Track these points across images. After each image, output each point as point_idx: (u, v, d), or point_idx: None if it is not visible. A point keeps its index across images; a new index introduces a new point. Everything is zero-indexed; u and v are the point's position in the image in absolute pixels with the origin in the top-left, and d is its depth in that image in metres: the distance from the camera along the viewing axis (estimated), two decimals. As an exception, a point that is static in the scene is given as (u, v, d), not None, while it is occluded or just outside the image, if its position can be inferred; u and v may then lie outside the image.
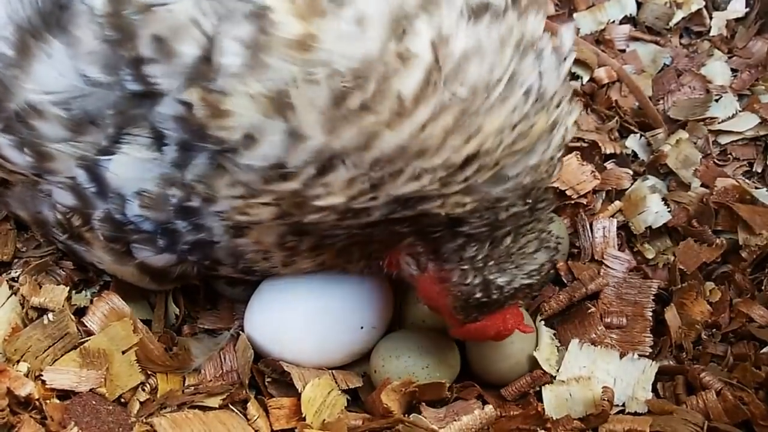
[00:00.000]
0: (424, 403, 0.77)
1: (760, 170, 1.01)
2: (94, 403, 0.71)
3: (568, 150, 0.93)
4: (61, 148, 0.64)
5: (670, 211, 0.95)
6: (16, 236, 0.85)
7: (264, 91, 0.56)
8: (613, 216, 0.96)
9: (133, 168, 0.63)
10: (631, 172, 1.01)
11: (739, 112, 1.06)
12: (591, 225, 0.94)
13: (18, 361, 0.73)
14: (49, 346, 0.74)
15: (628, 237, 0.95)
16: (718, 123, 1.05)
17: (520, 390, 0.81)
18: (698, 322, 0.85)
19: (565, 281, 0.90)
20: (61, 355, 0.74)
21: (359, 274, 0.78)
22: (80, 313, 0.79)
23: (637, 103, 1.11)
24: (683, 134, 1.04)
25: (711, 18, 1.20)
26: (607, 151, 1.02)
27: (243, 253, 0.72)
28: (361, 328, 0.80)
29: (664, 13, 1.20)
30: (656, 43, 1.19)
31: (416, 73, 0.56)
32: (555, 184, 0.92)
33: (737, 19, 1.20)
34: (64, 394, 0.71)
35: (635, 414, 0.78)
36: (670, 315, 0.85)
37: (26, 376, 0.70)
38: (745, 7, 1.20)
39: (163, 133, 0.61)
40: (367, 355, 0.82)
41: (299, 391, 0.75)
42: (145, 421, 0.71)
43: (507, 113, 0.61)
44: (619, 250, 0.93)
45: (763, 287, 0.88)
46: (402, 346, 0.80)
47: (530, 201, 0.67)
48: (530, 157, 0.65)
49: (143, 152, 0.63)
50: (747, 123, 1.04)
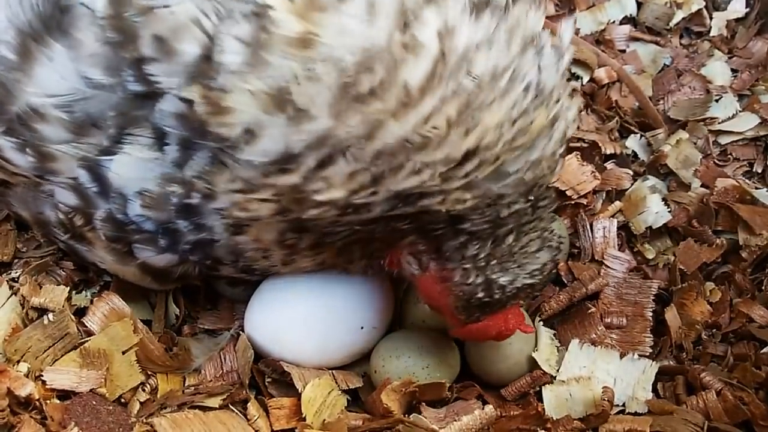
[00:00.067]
0: (424, 403, 0.77)
1: (760, 170, 1.01)
2: (95, 403, 0.71)
3: (569, 150, 0.93)
4: (62, 150, 0.64)
5: (670, 212, 0.95)
6: (17, 236, 0.85)
7: (265, 88, 0.56)
8: (613, 216, 0.96)
9: (134, 168, 0.64)
10: (631, 173, 1.01)
11: (739, 112, 1.06)
12: (591, 225, 0.94)
13: (18, 362, 0.73)
14: (50, 347, 0.74)
15: (628, 237, 0.96)
16: (719, 123, 1.05)
17: (520, 390, 0.80)
18: (698, 322, 0.85)
19: (566, 281, 0.90)
20: (62, 356, 0.74)
21: (360, 274, 0.78)
22: (80, 313, 0.79)
23: (637, 104, 1.11)
24: (683, 134, 1.04)
25: (711, 18, 1.20)
26: (608, 152, 1.02)
27: (243, 251, 0.72)
28: (362, 328, 0.80)
29: (664, 13, 1.20)
30: (656, 43, 1.19)
31: (423, 63, 0.57)
32: (555, 185, 0.92)
33: (737, 20, 1.20)
34: (65, 395, 0.71)
35: (635, 414, 0.77)
36: (671, 315, 0.85)
37: (26, 376, 0.70)
38: (745, 8, 1.20)
39: (165, 132, 0.61)
40: (368, 355, 0.82)
41: (299, 391, 0.75)
42: (145, 421, 0.71)
43: (507, 108, 0.61)
44: (619, 250, 0.93)
45: (764, 287, 0.88)
46: (402, 346, 0.80)
47: (532, 198, 0.67)
48: (531, 152, 0.65)
49: (145, 152, 0.63)
50: (747, 123, 1.04)
